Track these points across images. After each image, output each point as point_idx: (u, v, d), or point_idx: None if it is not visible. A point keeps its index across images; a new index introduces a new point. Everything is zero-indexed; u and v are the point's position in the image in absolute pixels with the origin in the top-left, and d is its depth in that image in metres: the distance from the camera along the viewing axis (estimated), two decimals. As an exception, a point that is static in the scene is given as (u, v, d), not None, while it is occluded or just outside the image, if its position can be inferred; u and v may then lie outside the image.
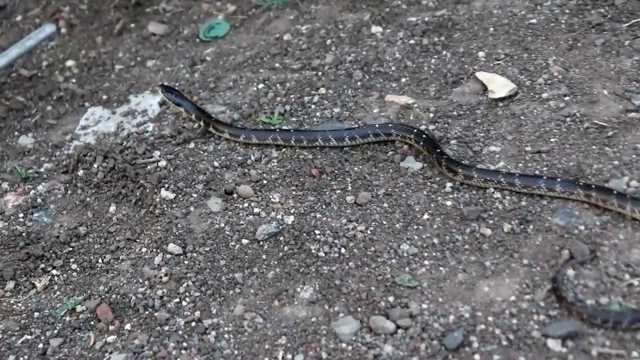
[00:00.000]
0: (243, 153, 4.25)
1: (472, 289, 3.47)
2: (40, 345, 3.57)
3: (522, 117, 4.17)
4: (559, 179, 3.75)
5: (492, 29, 4.68)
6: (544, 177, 3.78)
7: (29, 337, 3.62)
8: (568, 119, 4.10)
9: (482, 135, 4.13)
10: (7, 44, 5.28)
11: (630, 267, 3.43)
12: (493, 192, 3.84)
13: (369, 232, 3.77)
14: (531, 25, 4.64)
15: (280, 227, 3.84)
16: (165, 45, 5.06)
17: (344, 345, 3.34)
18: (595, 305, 3.31)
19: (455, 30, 4.74)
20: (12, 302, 3.78)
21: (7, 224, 4.14)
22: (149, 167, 4.24)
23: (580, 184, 3.71)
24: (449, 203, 3.84)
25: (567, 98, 4.20)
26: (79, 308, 3.67)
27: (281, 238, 3.79)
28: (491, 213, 3.76)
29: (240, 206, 3.98)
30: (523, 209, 3.75)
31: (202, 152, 4.29)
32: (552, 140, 4.02)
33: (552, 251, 3.55)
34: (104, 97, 4.81)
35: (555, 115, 4.13)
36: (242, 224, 3.88)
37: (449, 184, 3.92)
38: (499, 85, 4.32)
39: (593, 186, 3.69)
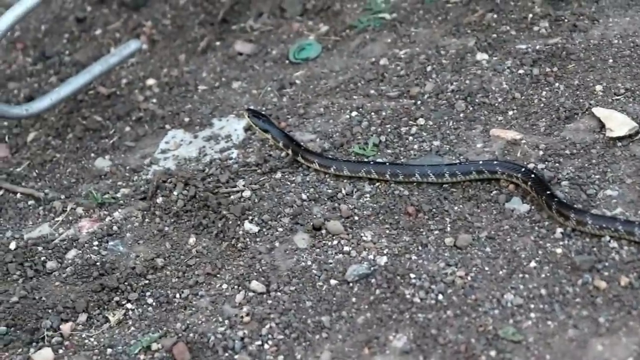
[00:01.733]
0: (333, 186, 4.24)
1: (583, 347, 3.39)
2: (112, 384, 3.59)
3: (644, 159, 4.10)
4: (687, 230, 3.68)
5: (611, 60, 4.62)
6: (667, 227, 3.70)
7: (100, 374, 3.64)
8: (701, 163, 4.03)
9: (598, 177, 4.06)
10: (86, 59, 5.36)
11: None
12: (609, 241, 3.76)
13: (469, 278, 3.72)
14: (655, 58, 4.59)
15: (372, 268, 3.81)
16: (252, 66, 5.08)
17: (439, 402, 3.30)
18: None
19: (570, 60, 4.68)
20: (84, 336, 3.80)
21: (80, 252, 4.17)
22: (232, 196, 4.24)
23: None
24: (559, 250, 3.77)
25: (699, 139, 4.14)
26: (154, 346, 3.67)
27: (373, 280, 3.76)
28: (606, 264, 3.68)
29: (329, 243, 3.97)
30: (644, 260, 3.67)
31: (289, 183, 4.29)
32: (682, 186, 3.95)
33: (678, 309, 3.47)
34: (186, 119, 4.84)
35: (685, 159, 4.06)
36: (331, 263, 3.87)
37: (559, 230, 3.86)
38: (618, 123, 4.25)
39: None
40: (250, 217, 4.13)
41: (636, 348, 3.35)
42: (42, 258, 4.16)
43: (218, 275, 3.92)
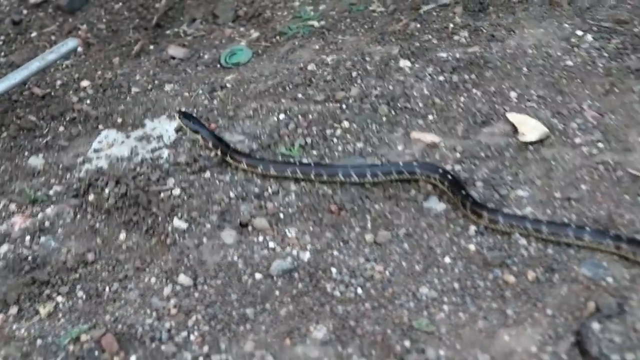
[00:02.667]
0: (260, 185, 4.29)
1: (492, 337, 3.50)
2: (42, 373, 3.60)
3: (552, 162, 4.22)
4: (588, 228, 3.80)
5: (525, 69, 4.75)
6: (573, 226, 3.83)
7: (30, 364, 3.65)
8: (601, 166, 4.14)
9: (510, 178, 4.18)
10: (21, 61, 5.33)
11: (659, 323, 3.48)
12: (519, 238, 3.88)
13: (387, 273, 3.81)
14: (567, 67, 4.69)
15: (296, 263, 3.87)
16: (185, 70, 5.09)
17: (356, 389, 3.38)
18: (620, 361, 3.34)
19: (487, 68, 4.80)
20: (14, 327, 3.79)
21: (12, 246, 4.16)
22: (162, 194, 4.27)
23: (611, 234, 3.76)
24: (472, 247, 3.88)
25: (600, 145, 4.25)
26: (83, 337, 3.67)
27: (296, 275, 3.83)
28: (515, 260, 3.79)
29: (255, 240, 4.01)
30: (549, 257, 3.79)
31: (217, 182, 4.32)
32: (583, 187, 4.07)
33: (577, 302, 3.58)
34: (119, 120, 4.87)
35: (588, 162, 4.18)
36: (256, 258, 3.92)
37: (472, 228, 3.97)
38: (530, 128, 4.38)
39: (624, 237, 3.73)
40: (179, 214, 4.15)
41: (540, 338, 3.46)
42: (-24, 252, 4.16)
43: (147, 270, 3.94)
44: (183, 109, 4.72)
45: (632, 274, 3.67)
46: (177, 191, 4.28)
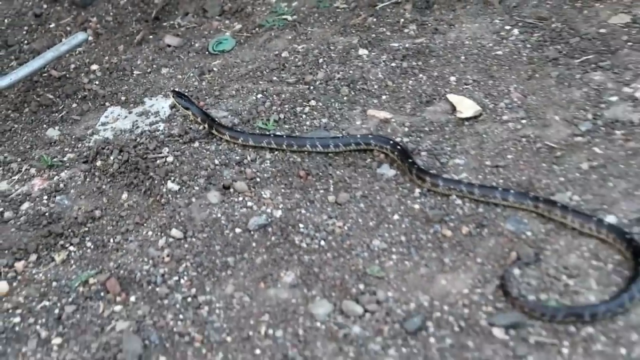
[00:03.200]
0: (241, 154, 4.28)
1: (431, 282, 3.53)
2: (57, 311, 3.60)
3: (484, 136, 4.22)
4: (512, 191, 3.82)
5: (463, 57, 4.75)
6: (500, 189, 3.84)
7: (47, 303, 3.64)
8: (523, 139, 4.16)
9: (449, 149, 4.19)
10: (41, 48, 5.30)
11: (567, 269, 3.50)
12: (455, 199, 3.90)
13: (346, 228, 3.82)
14: (497, 56, 4.70)
15: (269, 219, 3.88)
16: (178, 56, 5.07)
17: (318, 324, 3.40)
18: (535, 301, 3.37)
19: (431, 56, 4.79)
20: (34, 272, 3.80)
21: (32, 204, 4.16)
22: (158, 161, 4.26)
23: (530, 196, 3.78)
24: (416, 206, 3.90)
25: (523, 121, 4.26)
26: (91, 280, 3.69)
27: (269, 229, 3.83)
28: (452, 217, 3.82)
29: (236, 200, 4.01)
30: (480, 215, 3.81)
31: (205, 151, 4.31)
32: (509, 157, 4.08)
33: (502, 252, 3.62)
34: (123, 98, 4.84)
35: (513, 136, 4.19)
36: (236, 215, 3.92)
37: (417, 190, 3.98)
38: (466, 107, 4.38)
39: (541, 198, 3.76)
40: (172, 178, 4.15)
41: (471, 282, 3.50)
42: (1, 209, 4.15)
43: (145, 225, 3.94)
44: (176, 89, 4.70)
45: (547, 228, 3.70)
46: (170, 158, 4.27)
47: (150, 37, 5.31)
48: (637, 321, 3.26)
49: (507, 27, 4.86)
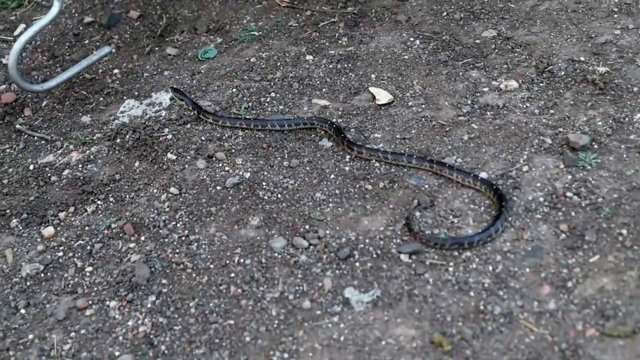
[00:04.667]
0: (221, 132, 4.17)
1: (357, 222, 3.47)
2: (88, 247, 3.51)
3: (395, 117, 4.14)
4: (414, 156, 3.76)
5: (380, 60, 4.64)
6: (406, 154, 3.78)
7: (81, 242, 3.55)
8: (423, 119, 4.09)
9: (370, 127, 4.11)
10: (78, 58, 5.12)
11: (453, 211, 3.46)
12: (374, 163, 3.82)
13: (296, 184, 3.74)
14: (404, 59, 4.61)
15: (241, 179, 3.79)
16: (177, 62, 4.94)
17: (276, 254, 3.34)
18: (430, 234, 3.34)
19: (358, 60, 4.68)
20: (72, 219, 3.70)
21: (71, 171, 4.03)
22: (161, 138, 4.14)
23: (428, 159, 3.72)
24: (347, 168, 3.82)
25: (423, 106, 4.19)
26: (113, 225, 3.60)
27: (241, 186, 3.75)
28: (372, 175, 3.75)
29: (217, 165, 3.91)
30: (392, 173, 3.74)
31: (195, 131, 4.19)
32: (413, 131, 4.01)
33: (407, 200, 3.56)
34: (136, 93, 4.67)
35: (416, 116, 4.12)
36: (217, 177, 3.83)
37: (347, 157, 3.90)
38: (383, 96, 4.29)
39: (435, 161, 3.70)
40: (171, 150, 4.03)
41: (385, 222, 3.45)
42: (49, 175, 4.02)
43: (151, 185, 3.83)
44: (174, 86, 4.55)
45: (439, 182, 3.64)
46: (169, 136, 4.14)
47: (156, 49, 5.15)
48: (501, 246, 3.25)
49: (411, 39, 4.77)
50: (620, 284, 2.99)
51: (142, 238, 3.51)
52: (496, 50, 4.58)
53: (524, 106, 4.09)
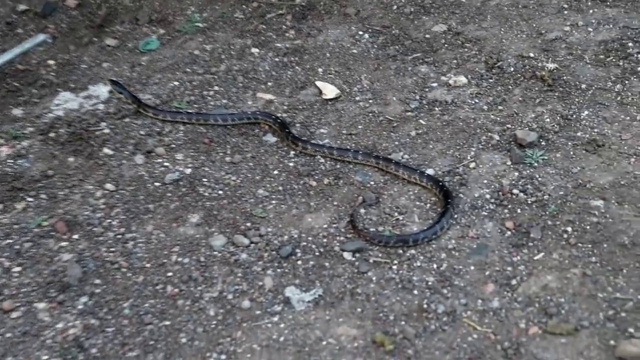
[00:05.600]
0: (161, 126, 4.14)
1: (300, 220, 3.49)
2: (17, 247, 3.43)
3: (342, 112, 4.18)
4: (360, 152, 3.79)
5: (328, 54, 4.67)
6: (352, 150, 3.81)
7: (10, 240, 3.47)
8: (370, 114, 4.13)
9: (316, 122, 4.13)
10: (11, 47, 5.03)
11: (398, 208, 3.50)
12: (319, 159, 3.85)
13: (238, 181, 3.74)
14: (352, 53, 4.65)
15: (181, 175, 3.77)
16: (116, 54, 4.90)
17: (215, 253, 3.33)
18: (375, 232, 3.36)
19: (305, 53, 4.71)
20: (0, 217, 3.61)
21: (1, 166, 3.93)
22: (97, 133, 4.09)
23: (374, 155, 3.76)
24: (291, 164, 3.84)
25: (371, 101, 4.24)
26: (44, 223, 3.53)
27: (181, 182, 3.73)
28: (317, 172, 3.77)
29: (156, 161, 3.88)
30: (337, 170, 3.77)
31: (133, 125, 4.16)
32: (359, 127, 4.05)
33: (352, 197, 3.59)
34: (72, 85, 4.61)
35: (363, 112, 4.16)
36: (156, 173, 3.80)
37: (292, 152, 3.91)
38: (329, 91, 4.33)
39: (381, 157, 3.74)
40: (108, 145, 3.99)
41: (329, 219, 3.47)
42: (-25, 171, 3.92)
43: (86, 181, 3.78)
44: (113, 78, 4.49)
45: (385, 179, 3.69)
46: (107, 130, 4.10)
47: (95, 39, 5.09)
48: (446, 244, 3.29)
49: (360, 33, 4.81)
50: (564, 281, 3.06)
51: (75, 236, 3.45)
52: (446, 45, 4.65)
53: (473, 102, 4.16)
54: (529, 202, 3.46)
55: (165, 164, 3.86)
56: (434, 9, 4.99)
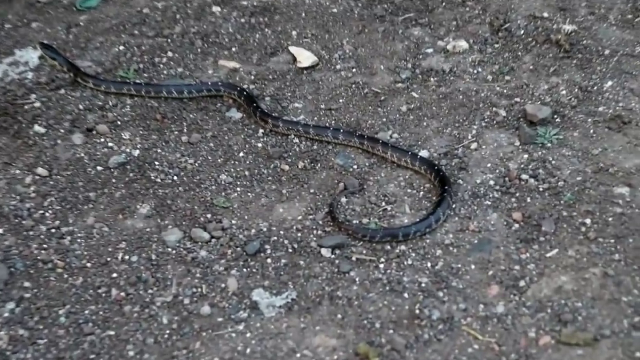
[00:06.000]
0: (103, 100, 4.12)
1: (270, 210, 3.51)
2: None
3: (320, 83, 4.20)
4: (341, 130, 3.82)
5: (303, 14, 4.68)
6: (331, 128, 3.84)
7: None
8: (353, 85, 4.16)
9: (289, 94, 4.15)
10: None
11: (386, 197, 3.54)
12: (293, 138, 3.87)
13: (196, 164, 3.75)
14: (332, 13, 4.66)
15: (128, 158, 3.77)
16: (48, 11, 4.84)
17: (169, 249, 3.34)
18: (358, 224, 3.39)
19: (276, 13, 4.71)
20: None
21: None
22: (26, 107, 4.05)
23: (357, 134, 3.79)
24: (259, 145, 3.85)
25: (354, 70, 4.26)
26: None
27: (128, 167, 3.73)
28: (290, 153, 3.79)
29: (98, 141, 3.87)
30: (314, 151, 3.80)
31: (70, 97, 4.13)
32: (340, 101, 4.08)
33: (332, 183, 3.62)
34: (-6, 50, 4.57)
35: (345, 83, 4.19)
36: (98, 155, 3.79)
37: (261, 131, 3.93)
38: (305, 57, 4.33)
39: (365, 136, 3.77)
40: (39, 122, 3.96)
41: (304, 209, 3.50)
42: None
43: (13, 164, 3.74)
44: (44, 41, 4.44)
45: (370, 162, 3.73)
46: (37, 104, 4.07)
47: (23, -6, 5.03)
48: (442, 239, 3.33)
49: (342, -12, 4.83)
50: (581, 283, 3.11)
51: (0, 231, 3.44)
52: (444, 4, 4.68)
53: (475, 71, 4.20)
54: (541, 189, 3.51)
55: (109, 144, 3.85)
56: (430, -41, 5.00)
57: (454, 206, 3.45)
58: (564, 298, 3.06)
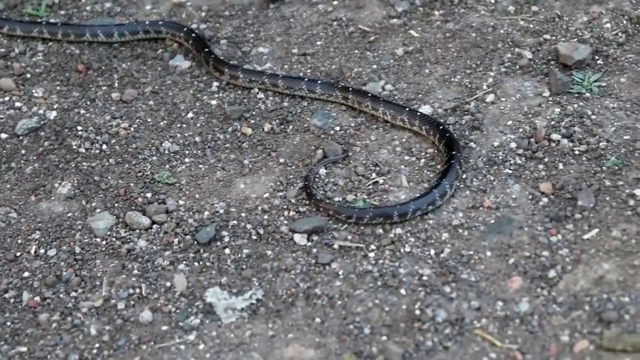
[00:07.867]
0: (6, 45, 4.15)
1: (228, 186, 3.55)
2: None
3: (291, 20, 4.23)
4: (319, 81, 3.86)
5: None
6: (306, 79, 3.87)
7: None
8: (335, 23, 4.18)
9: (252, 36, 4.17)
10: None
11: (377, 166, 3.58)
12: (257, 93, 3.91)
13: (132, 129, 3.79)
14: None
15: (42, 122, 3.80)
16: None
17: (98, 240, 3.38)
18: (341, 202, 3.44)
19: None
20: None
21: None
22: None
23: (339, 86, 3.83)
24: (214, 102, 3.89)
25: (335, 2, 4.28)
26: None
27: (42, 133, 3.76)
28: (254, 113, 3.83)
29: (1, 100, 3.91)
30: (284, 109, 3.84)
31: (-37, 44, 4.18)
32: (318, 43, 4.11)
33: (307, 151, 3.66)
34: None
35: (323, 19, 4.21)
36: (2, 118, 3.83)
37: (215, 84, 3.97)
38: (272, -14, 4.36)
39: (350, 89, 3.81)
40: None
41: (272, 185, 3.54)
42: None
43: None
44: None
45: (357, 122, 3.76)
46: None
47: None
48: (449, 219, 3.37)
49: None
50: (629, 272, 3.13)
51: None
52: None
53: (492, 0, 4.22)
54: (577, 152, 3.55)
55: (17, 104, 3.88)
56: None
57: (464, 177, 3.49)
58: (607, 291, 3.09)
